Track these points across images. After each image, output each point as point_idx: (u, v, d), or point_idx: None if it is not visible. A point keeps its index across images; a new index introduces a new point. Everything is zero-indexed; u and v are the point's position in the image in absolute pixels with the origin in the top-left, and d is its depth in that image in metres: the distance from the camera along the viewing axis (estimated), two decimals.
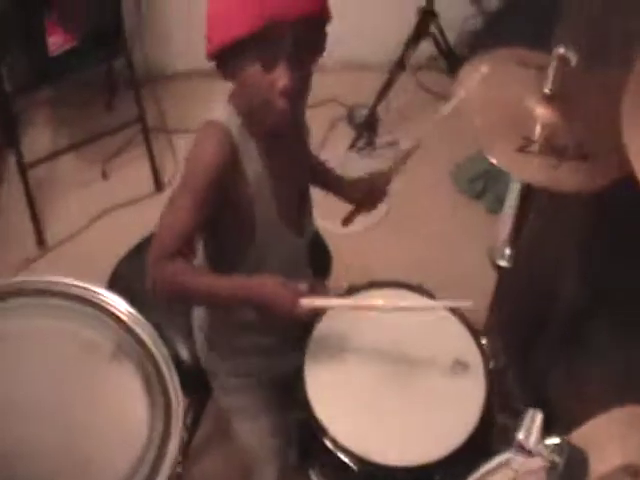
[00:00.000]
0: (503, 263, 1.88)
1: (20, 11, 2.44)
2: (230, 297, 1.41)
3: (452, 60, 3.01)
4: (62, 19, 2.43)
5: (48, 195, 2.80)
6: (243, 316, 1.55)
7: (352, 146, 3.00)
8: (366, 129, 2.99)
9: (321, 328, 1.60)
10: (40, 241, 2.68)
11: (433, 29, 2.93)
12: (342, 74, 3.14)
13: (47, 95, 3.10)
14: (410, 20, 2.93)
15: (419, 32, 2.92)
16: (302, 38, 1.32)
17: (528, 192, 1.77)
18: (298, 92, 1.37)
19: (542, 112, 1.56)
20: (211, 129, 1.42)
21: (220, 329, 1.65)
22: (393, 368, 1.56)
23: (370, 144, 3.00)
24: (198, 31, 1.40)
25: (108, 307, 1.51)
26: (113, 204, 2.76)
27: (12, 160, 2.73)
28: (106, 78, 3.04)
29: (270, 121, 1.41)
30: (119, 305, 1.51)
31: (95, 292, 1.54)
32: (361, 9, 3.07)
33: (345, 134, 3.05)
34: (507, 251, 1.87)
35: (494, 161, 1.49)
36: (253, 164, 1.45)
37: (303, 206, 1.62)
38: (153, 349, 1.45)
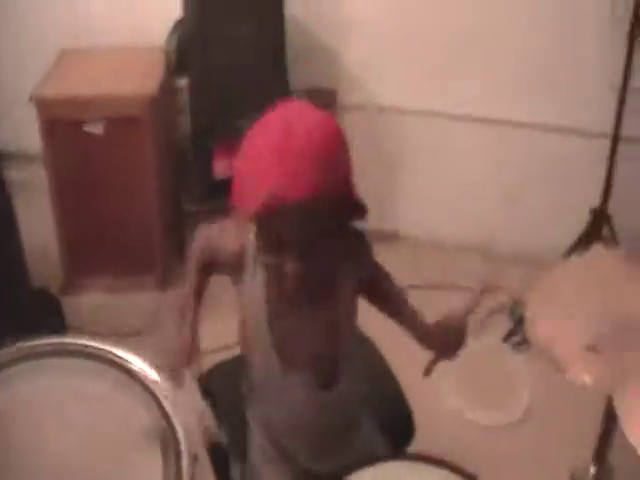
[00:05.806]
0: None
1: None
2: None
3: None
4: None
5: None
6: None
7: (506, 339, 2.99)
8: (523, 326, 2.96)
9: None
10: None
11: (606, 232, 2.80)
12: (509, 264, 3.16)
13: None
14: (583, 219, 2.82)
15: (590, 233, 2.81)
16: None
17: None
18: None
19: None
20: (233, 228, 1.45)
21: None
22: None
23: (525, 342, 2.97)
24: None
25: (149, 384, 1.58)
26: None
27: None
28: None
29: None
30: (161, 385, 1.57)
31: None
32: (532, 203, 3.08)
33: (503, 325, 3.03)
34: (592, 470, 1.75)
35: None
36: (256, 288, 1.45)
37: (330, 356, 1.54)
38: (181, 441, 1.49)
